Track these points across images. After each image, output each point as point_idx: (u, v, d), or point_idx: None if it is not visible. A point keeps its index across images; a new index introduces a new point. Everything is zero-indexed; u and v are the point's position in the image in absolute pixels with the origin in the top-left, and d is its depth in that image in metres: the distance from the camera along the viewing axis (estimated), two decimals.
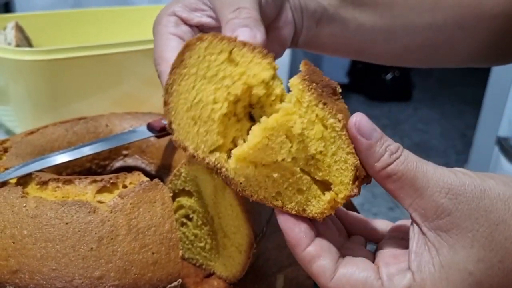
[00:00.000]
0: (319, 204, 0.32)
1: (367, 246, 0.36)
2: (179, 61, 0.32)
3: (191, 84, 0.32)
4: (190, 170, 0.45)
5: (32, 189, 0.38)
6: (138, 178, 0.40)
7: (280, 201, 0.32)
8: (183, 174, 0.45)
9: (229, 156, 0.33)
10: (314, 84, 0.30)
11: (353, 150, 0.30)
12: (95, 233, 0.35)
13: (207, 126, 0.33)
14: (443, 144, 2.68)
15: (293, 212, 0.32)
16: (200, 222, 0.46)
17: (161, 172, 0.51)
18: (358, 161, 0.30)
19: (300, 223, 0.31)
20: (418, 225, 0.30)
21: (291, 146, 0.31)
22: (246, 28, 0.33)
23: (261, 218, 0.45)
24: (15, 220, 0.36)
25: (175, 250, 0.37)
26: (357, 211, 0.48)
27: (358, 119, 0.30)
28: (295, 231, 0.31)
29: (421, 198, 0.29)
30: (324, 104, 0.30)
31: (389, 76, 3.20)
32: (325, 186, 0.32)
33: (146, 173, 0.51)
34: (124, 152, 0.52)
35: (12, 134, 0.74)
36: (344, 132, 0.30)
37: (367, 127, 0.30)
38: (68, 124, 0.51)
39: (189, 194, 0.46)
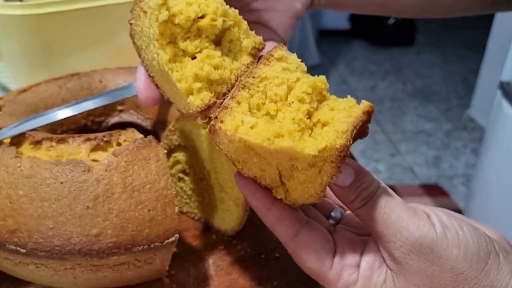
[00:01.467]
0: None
1: None
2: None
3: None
4: (185, 125, 0.45)
5: (26, 148, 0.38)
6: (132, 135, 0.40)
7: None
8: (178, 130, 0.45)
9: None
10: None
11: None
12: (91, 192, 0.35)
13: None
14: (445, 89, 2.66)
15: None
16: (197, 177, 0.47)
17: (157, 127, 0.51)
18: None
19: (256, 185, 0.33)
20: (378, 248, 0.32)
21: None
22: None
23: None
24: (11, 180, 0.36)
25: (171, 207, 0.37)
26: (355, 159, 0.48)
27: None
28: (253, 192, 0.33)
29: (379, 240, 0.31)
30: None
31: (391, 20, 3.13)
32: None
33: (141, 129, 0.51)
34: (119, 107, 0.52)
35: (7, 90, 0.74)
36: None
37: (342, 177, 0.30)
38: (61, 80, 0.50)
39: (185, 149, 0.46)
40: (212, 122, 0.31)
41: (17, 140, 0.39)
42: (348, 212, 0.37)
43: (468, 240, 0.29)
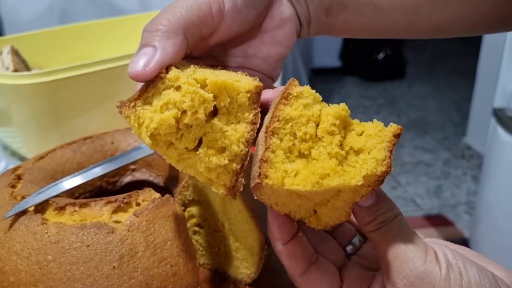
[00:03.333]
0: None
1: None
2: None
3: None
4: (198, 181, 0.47)
5: (51, 215, 0.40)
6: (150, 194, 0.42)
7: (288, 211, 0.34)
8: (191, 185, 0.47)
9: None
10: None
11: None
12: (116, 252, 0.37)
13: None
14: (440, 118, 2.70)
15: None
16: (211, 229, 0.48)
17: (169, 183, 0.53)
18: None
19: (284, 219, 0.35)
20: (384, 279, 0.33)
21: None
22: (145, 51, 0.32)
23: None
24: (39, 246, 0.38)
25: (192, 261, 0.39)
26: None
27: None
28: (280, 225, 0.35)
29: (385, 268, 0.32)
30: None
31: (381, 55, 3.21)
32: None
33: (154, 186, 0.53)
34: (132, 167, 0.54)
35: (17, 155, 0.76)
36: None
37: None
38: (75, 145, 0.53)
39: (198, 203, 0.48)
40: (258, 180, 0.31)
41: (41, 207, 0.41)
42: (367, 243, 0.39)
43: (470, 281, 0.30)
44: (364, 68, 3.33)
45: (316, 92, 0.34)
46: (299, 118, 0.32)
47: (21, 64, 0.70)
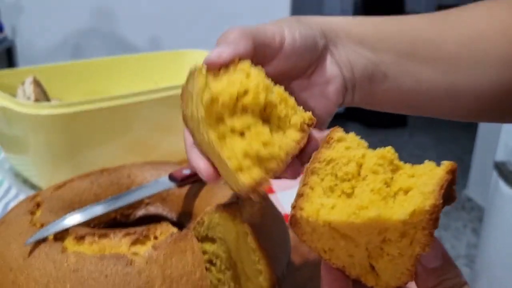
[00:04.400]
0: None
1: None
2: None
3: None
4: (213, 217, 0.48)
5: (70, 243, 0.41)
6: (167, 228, 0.43)
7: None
8: (206, 222, 0.48)
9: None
10: None
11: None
12: (133, 284, 0.38)
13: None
14: None
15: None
16: (223, 267, 0.49)
17: (182, 219, 0.54)
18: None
19: (338, 276, 0.32)
20: None
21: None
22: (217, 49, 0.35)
23: (281, 261, 0.47)
24: (58, 275, 0.38)
25: None
26: None
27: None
28: (331, 282, 0.33)
29: None
30: None
31: None
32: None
33: (167, 220, 0.54)
34: (146, 200, 0.55)
35: (28, 183, 0.77)
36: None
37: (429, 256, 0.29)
38: (92, 176, 0.54)
39: (212, 240, 0.49)
40: (292, 212, 0.31)
41: (60, 236, 0.42)
42: None
43: None
44: (366, 115, 3.38)
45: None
46: (340, 159, 0.32)
47: (42, 94, 0.72)
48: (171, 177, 0.52)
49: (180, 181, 0.52)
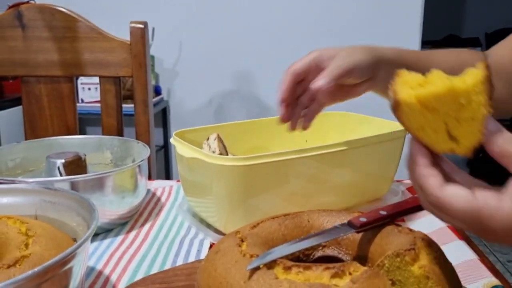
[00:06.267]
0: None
1: None
2: None
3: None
4: (394, 261, 0.53)
5: (279, 272, 0.49)
6: (358, 266, 0.49)
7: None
8: (386, 265, 0.54)
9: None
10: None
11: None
12: None
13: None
14: None
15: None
16: None
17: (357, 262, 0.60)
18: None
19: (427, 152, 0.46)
20: None
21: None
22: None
23: None
24: None
25: None
26: None
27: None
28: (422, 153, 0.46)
29: None
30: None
31: None
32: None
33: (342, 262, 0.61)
34: (323, 243, 0.62)
35: (204, 223, 0.89)
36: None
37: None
38: (279, 219, 0.63)
39: (392, 282, 0.54)
40: (392, 96, 0.44)
41: (269, 266, 0.50)
42: None
43: None
44: None
45: None
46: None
47: (223, 149, 0.84)
48: (350, 224, 0.59)
49: (358, 227, 0.58)
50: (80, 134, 1.17)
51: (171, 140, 0.90)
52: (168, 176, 2.79)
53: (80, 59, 1.28)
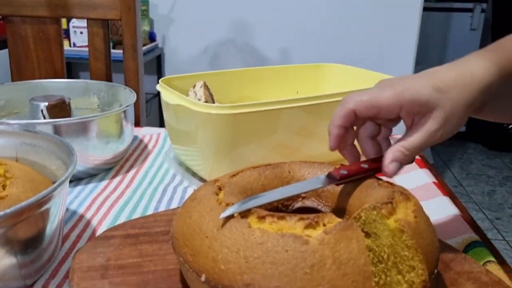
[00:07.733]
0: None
1: None
2: None
3: None
4: (370, 214, 0.53)
5: (253, 221, 0.49)
6: (333, 218, 0.49)
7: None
8: (363, 217, 0.54)
9: None
10: None
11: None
12: (309, 261, 0.44)
13: None
14: None
15: None
16: (375, 260, 0.54)
17: (336, 214, 0.60)
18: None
19: None
20: None
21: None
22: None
23: (432, 260, 0.51)
24: (246, 245, 0.46)
25: (368, 281, 0.45)
26: None
27: None
28: None
29: None
30: None
31: None
32: None
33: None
34: (303, 195, 0.62)
35: (190, 171, 0.88)
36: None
37: None
38: (260, 169, 0.62)
39: (367, 234, 0.54)
40: None
41: (244, 214, 0.50)
42: None
43: None
44: (490, 137, 3.21)
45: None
46: None
47: (209, 97, 0.83)
48: (330, 176, 0.58)
49: (338, 180, 0.58)
50: (73, 79, 1.15)
51: (157, 87, 0.88)
52: (162, 124, 2.78)
53: (67, 0, 1.24)
